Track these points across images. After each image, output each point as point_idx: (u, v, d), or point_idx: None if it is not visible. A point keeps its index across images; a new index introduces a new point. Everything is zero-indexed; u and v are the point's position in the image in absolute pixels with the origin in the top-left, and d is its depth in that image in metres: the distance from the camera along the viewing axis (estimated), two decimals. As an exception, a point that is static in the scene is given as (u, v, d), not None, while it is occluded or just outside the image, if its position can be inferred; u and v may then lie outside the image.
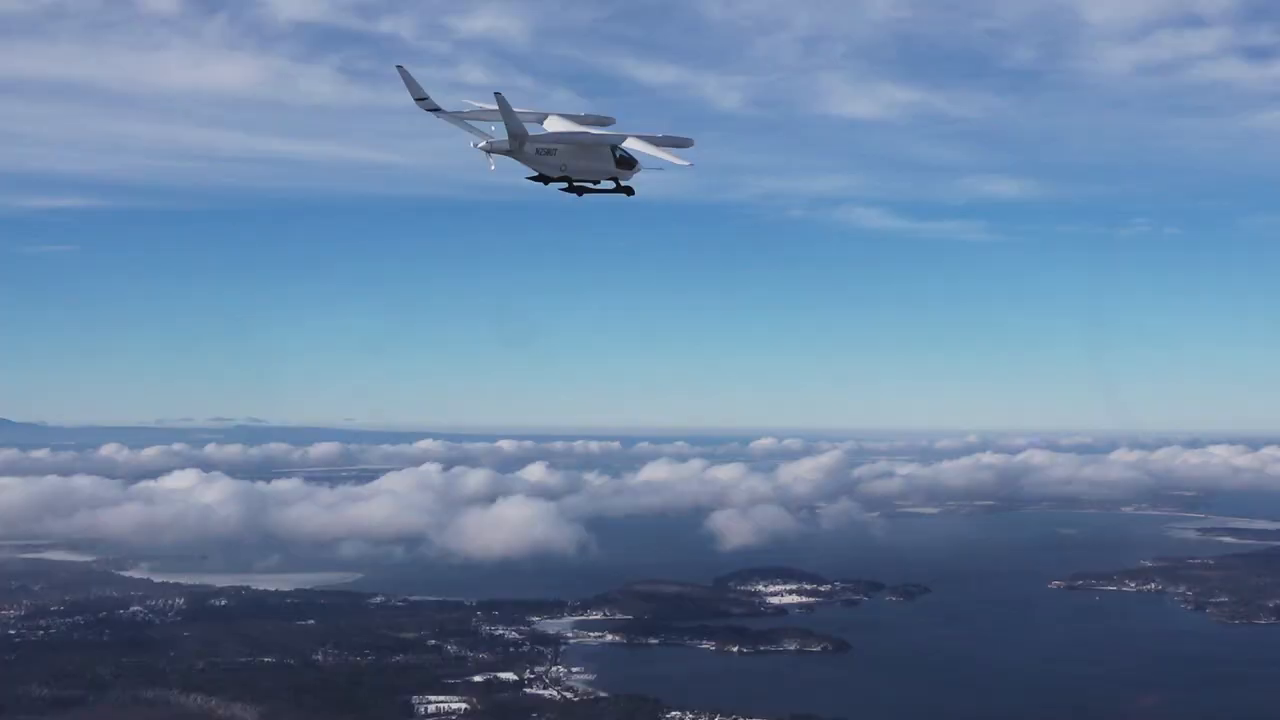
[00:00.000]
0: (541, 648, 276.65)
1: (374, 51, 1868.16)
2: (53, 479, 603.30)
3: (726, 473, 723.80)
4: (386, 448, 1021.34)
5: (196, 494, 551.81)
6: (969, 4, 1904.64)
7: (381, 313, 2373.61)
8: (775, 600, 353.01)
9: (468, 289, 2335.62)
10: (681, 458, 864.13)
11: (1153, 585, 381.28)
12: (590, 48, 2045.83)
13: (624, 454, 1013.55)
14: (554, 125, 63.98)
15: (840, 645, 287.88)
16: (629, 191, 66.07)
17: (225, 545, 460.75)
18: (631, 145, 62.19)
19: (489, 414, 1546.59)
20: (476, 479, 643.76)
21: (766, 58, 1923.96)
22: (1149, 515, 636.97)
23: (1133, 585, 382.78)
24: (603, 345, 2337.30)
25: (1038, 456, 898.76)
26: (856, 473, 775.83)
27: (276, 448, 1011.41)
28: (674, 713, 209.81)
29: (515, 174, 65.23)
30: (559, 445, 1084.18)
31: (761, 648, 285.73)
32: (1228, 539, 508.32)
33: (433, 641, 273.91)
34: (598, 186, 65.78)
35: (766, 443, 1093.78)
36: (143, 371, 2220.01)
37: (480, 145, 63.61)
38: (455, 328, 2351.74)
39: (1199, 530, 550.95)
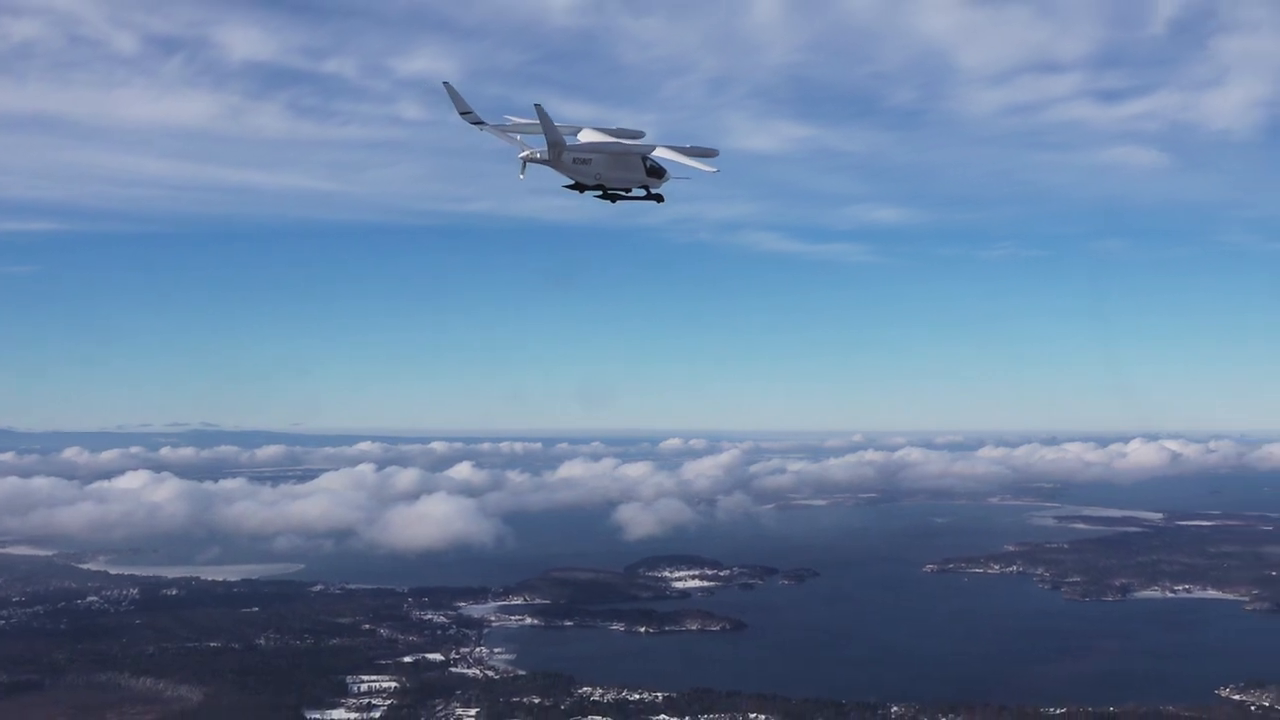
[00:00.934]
0: (467, 630, 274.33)
1: (320, 90, 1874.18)
2: (13, 480, 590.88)
3: (636, 470, 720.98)
4: (328, 449, 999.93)
5: (146, 493, 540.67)
6: (855, 50, 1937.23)
7: (326, 326, 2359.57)
8: (679, 585, 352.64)
9: (405, 305, 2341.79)
10: (596, 457, 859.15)
11: (1015, 567, 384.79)
12: (517, 86, 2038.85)
13: (545, 454, 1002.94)
14: (587, 138, 62.24)
15: (738, 625, 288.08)
16: (659, 199, 64.61)
17: (176, 540, 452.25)
18: (661, 154, 60.73)
19: (424, 418, 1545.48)
20: (407, 477, 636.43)
21: (676, 97, 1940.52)
22: (1012, 505, 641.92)
23: (997, 568, 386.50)
24: (529, 355, 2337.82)
25: (914, 454, 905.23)
26: (753, 469, 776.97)
27: (226, 450, 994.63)
28: (586, 688, 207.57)
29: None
30: (486, 446, 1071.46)
31: (667, 628, 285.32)
32: (1080, 525, 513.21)
33: (367, 626, 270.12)
34: (629, 194, 64.20)
35: (674, 443, 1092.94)
36: (105, 380, 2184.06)
37: (521, 155, 61.80)
38: (394, 339, 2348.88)
39: (1055, 518, 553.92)
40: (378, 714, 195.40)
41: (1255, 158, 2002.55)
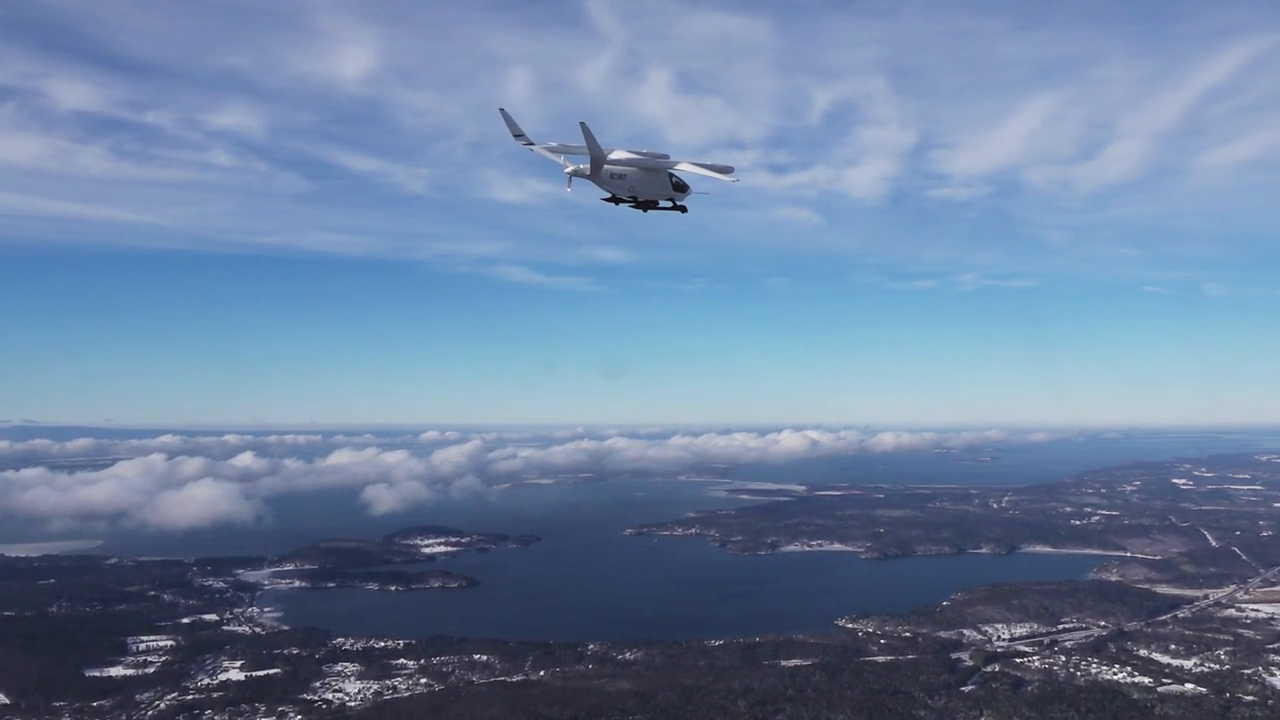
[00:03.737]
0: (242, 594, 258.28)
1: (140, 137, 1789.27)
2: None
3: (394, 457, 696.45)
4: (134, 441, 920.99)
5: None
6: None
7: (141, 336, 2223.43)
8: (427, 550, 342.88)
9: (212, 319, 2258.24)
10: (364, 447, 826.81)
11: (694, 530, 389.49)
12: (313, 141, 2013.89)
13: (322, 444, 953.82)
14: (619, 157, 57.14)
15: (472, 582, 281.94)
16: (683, 209, 60.23)
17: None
18: (684, 169, 56.77)
19: (223, 414, 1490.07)
20: (193, 465, 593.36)
21: (444, 155, 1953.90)
22: (694, 481, 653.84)
23: (680, 530, 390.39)
24: (318, 362, 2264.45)
25: (620, 442, 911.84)
26: (491, 455, 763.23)
27: (40, 443, 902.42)
28: (340, 639, 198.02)
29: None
30: (273, 438, 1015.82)
31: (413, 586, 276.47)
32: (744, 496, 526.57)
33: (153, 592, 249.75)
34: (658, 206, 59.69)
35: (432, 434, 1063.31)
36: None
37: (567, 170, 57.00)
38: (201, 348, 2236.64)
39: (727, 491, 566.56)
40: (152, 669, 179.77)
41: (880, 220, 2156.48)
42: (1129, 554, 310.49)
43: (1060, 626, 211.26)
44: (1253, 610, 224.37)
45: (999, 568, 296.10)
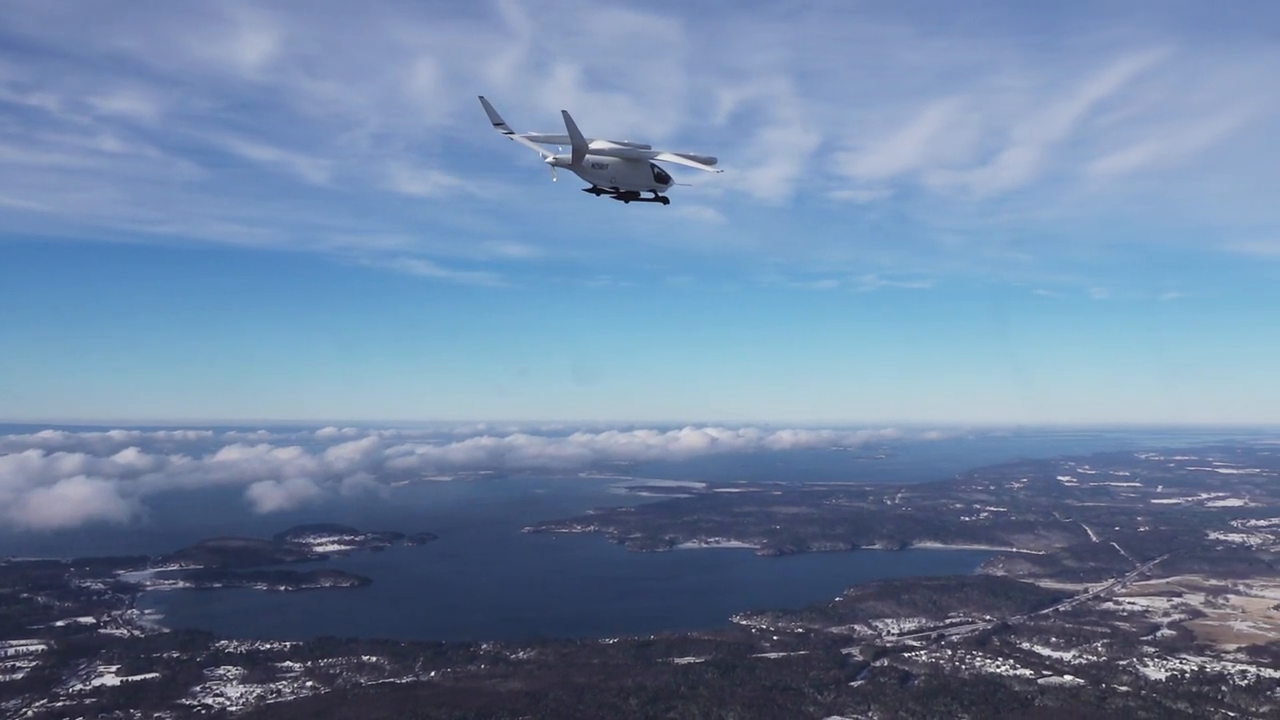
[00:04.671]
0: (122, 595, 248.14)
1: (23, 120, 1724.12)
2: None
3: (286, 454, 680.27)
4: (11, 437, 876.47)
5: None
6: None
7: (23, 327, 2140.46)
8: (320, 549, 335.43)
9: (104, 311, 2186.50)
10: (257, 443, 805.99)
11: (593, 527, 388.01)
12: (209, 129, 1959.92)
13: (213, 440, 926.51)
14: (599, 146, 55.56)
15: (364, 581, 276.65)
16: (665, 201, 58.75)
17: None
18: (666, 159, 55.31)
19: (113, 410, 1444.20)
20: (71, 462, 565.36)
21: (346, 146, 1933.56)
22: (595, 479, 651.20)
23: (579, 528, 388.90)
24: (212, 357, 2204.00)
25: (521, 439, 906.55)
26: (389, 452, 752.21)
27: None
28: (223, 641, 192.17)
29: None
30: (161, 434, 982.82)
31: (304, 586, 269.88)
32: (645, 493, 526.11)
33: (25, 594, 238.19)
34: (640, 197, 58.11)
35: (329, 431, 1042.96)
36: None
37: (548, 160, 54.85)
38: (87, 341, 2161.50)
39: (627, 488, 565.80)
40: (21, 675, 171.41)
41: (783, 220, 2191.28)
42: (1015, 549, 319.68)
43: (948, 621, 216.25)
44: (1129, 603, 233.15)
45: (891, 563, 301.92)
